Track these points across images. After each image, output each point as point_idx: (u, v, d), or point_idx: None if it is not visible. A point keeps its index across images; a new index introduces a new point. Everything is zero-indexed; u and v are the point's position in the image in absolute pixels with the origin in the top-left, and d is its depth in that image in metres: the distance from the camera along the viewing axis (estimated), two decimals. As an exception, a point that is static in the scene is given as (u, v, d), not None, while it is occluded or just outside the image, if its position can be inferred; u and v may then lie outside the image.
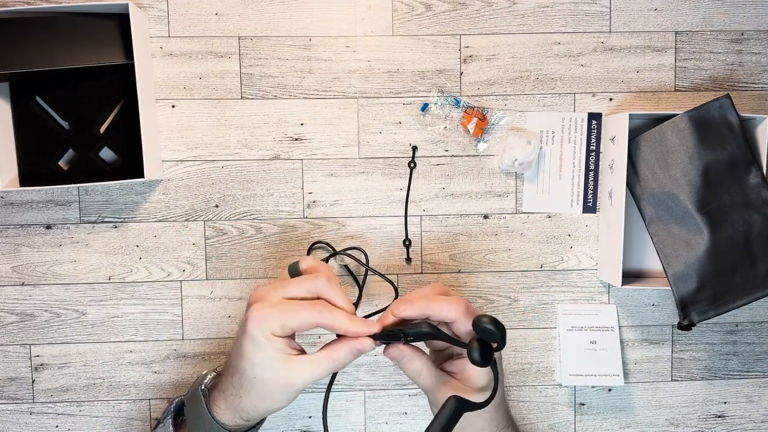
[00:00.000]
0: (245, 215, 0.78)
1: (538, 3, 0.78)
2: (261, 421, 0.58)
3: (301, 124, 0.78)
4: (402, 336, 0.52)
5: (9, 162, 0.74)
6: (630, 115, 0.73)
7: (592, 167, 0.79)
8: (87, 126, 0.75)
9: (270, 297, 0.52)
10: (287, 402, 0.53)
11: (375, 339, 0.52)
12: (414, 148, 0.78)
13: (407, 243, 0.79)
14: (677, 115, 0.73)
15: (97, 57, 0.71)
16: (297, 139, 0.78)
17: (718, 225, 0.72)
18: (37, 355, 0.78)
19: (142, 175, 0.70)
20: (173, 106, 0.77)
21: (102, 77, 0.74)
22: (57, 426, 0.78)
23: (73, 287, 0.78)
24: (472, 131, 0.78)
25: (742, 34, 0.79)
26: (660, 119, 0.75)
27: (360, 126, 0.78)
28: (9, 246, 0.77)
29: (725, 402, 0.81)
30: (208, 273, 0.78)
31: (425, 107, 0.78)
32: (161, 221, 0.78)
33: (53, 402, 0.78)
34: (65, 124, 0.76)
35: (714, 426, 0.82)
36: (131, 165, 0.75)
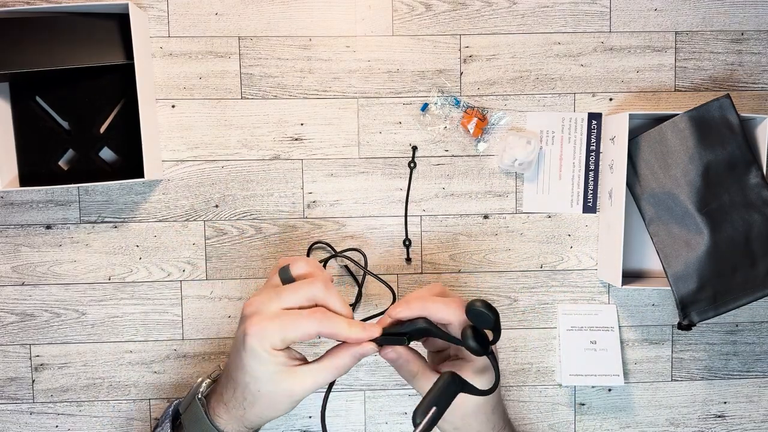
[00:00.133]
0: (245, 215, 0.78)
1: (538, 3, 0.78)
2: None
3: (301, 124, 0.78)
4: (403, 337, 0.52)
5: (9, 162, 0.74)
6: (630, 115, 0.73)
7: (592, 167, 0.79)
8: (87, 126, 0.75)
9: (266, 309, 0.50)
10: (291, 409, 0.53)
11: (375, 342, 0.52)
12: (414, 148, 0.78)
13: (407, 243, 0.79)
14: (677, 115, 0.73)
15: (97, 57, 0.71)
16: (297, 139, 0.78)
17: (718, 225, 0.72)
18: (37, 355, 0.78)
19: (142, 175, 0.70)
20: (173, 106, 0.77)
21: (102, 77, 0.74)
22: (57, 426, 0.78)
23: (73, 287, 0.78)
24: (472, 131, 0.78)
25: (742, 34, 0.79)
26: (660, 119, 0.75)
27: (360, 126, 0.78)
28: (9, 246, 0.77)
29: (725, 402, 0.81)
30: (208, 273, 0.78)
31: (425, 107, 0.78)
32: (161, 221, 0.78)
33: (53, 402, 0.78)
34: (65, 124, 0.76)
35: (714, 426, 0.82)
36: (131, 165, 0.75)
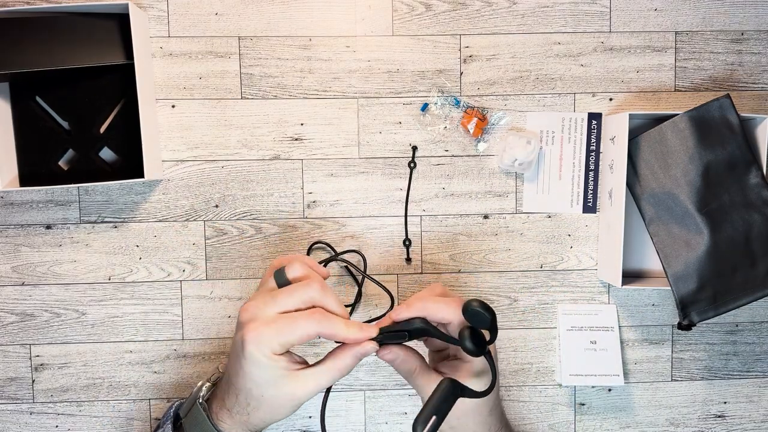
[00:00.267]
0: (245, 215, 0.78)
1: (538, 3, 0.78)
2: None
3: (301, 124, 0.78)
4: (402, 335, 0.52)
5: (9, 162, 0.74)
6: (630, 115, 0.73)
7: (592, 167, 0.79)
8: (87, 126, 0.75)
9: (262, 314, 0.50)
10: (294, 411, 0.53)
11: (375, 340, 0.52)
12: (414, 148, 0.78)
13: (407, 243, 0.79)
14: (677, 115, 0.73)
15: (97, 57, 0.71)
16: (297, 139, 0.78)
17: (718, 225, 0.72)
18: (37, 355, 0.78)
19: (142, 175, 0.70)
20: (173, 106, 0.77)
21: (102, 77, 0.74)
22: (57, 426, 0.78)
23: (73, 287, 0.78)
24: (472, 131, 0.78)
25: (742, 34, 0.79)
26: (660, 119, 0.75)
27: (360, 126, 0.78)
28: (9, 246, 0.77)
29: (725, 402, 0.81)
30: (208, 273, 0.78)
31: (425, 107, 0.78)
32: (161, 221, 0.78)
33: (53, 402, 0.78)
34: (65, 124, 0.76)
35: (714, 426, 0.82)
36: (131, 165, 0.75)
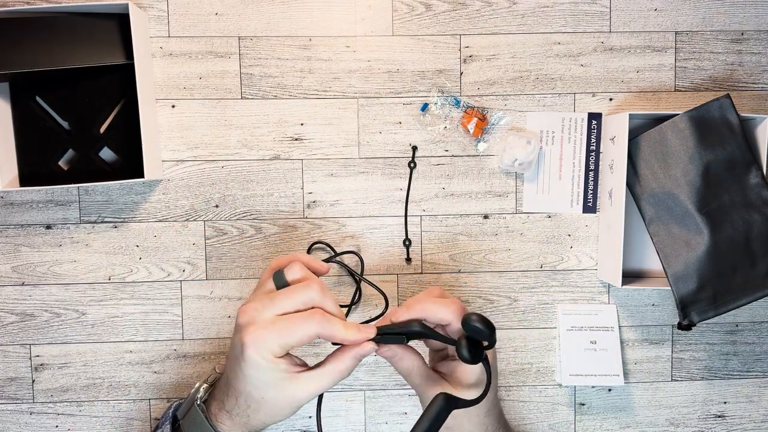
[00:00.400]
0: (245, 215, 0.78)
1: (538, 3, 0.78)
2: None
3: (301, 124, 0.78)
4: (401, 337, 0.52)
5: (9, 162, 0.74)
6: (630, 115, 0.73)
7: (592, 167, 0.79)
8: (87, 126, 0.75)
9: (261, 317, 0.50)
10: (295, 412, 0.53)
11: (374, 341, 0.52)
12: (414, 148, 0.78)
13: (407, 243, 0.79)
14: (677, 115, 0.73)
15: (97, 57, 0.71)
16: (297, 139, 0.78)
17: (718, 225, 0.72)
18: (37, 355, 0.78)
19: (142, 175, 0.70)
20: (173, 106, 0.77)
21: (102, 77, 0.74)
22: (57, 426, 0.78)
23: (73, 287, 0.78)
24: (472, 131, 0.78)
25: (742, 34, 0.79)
26: (660, 119, 0.75)
27: (360, 126, 0.78)
28: (9, 246, 0.77)
29: (725, 402, 0.81)
30: (208, 273, 0.78)
31: (425, 107, 0.78)
32: (161, 221, 0.78)
33: (53, 402, 0.78)
34: (65, 124, 0.76)
35: (714, 426, 0.82)
36: (131, 165, 0.75)
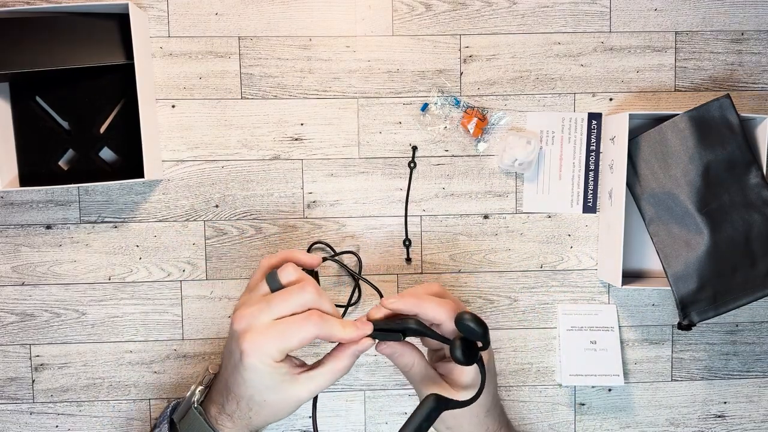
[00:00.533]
0: (245, 215, 0.78)
1: (538, 3, 0.78)
2: None
3: (301, 124, 0.78)
4: (398, 333, 0.52)
5: (9, 162, 0.74)
6: (630, 115, 0.73)
7: (592, 167, 0.79)
8: (87, 126, 0.75)
9: (258, 322, 0.50)
10: (297, 409, 0.53)
11: (372, 337, 0.52)
12: (414, 148, 0.78)
13: (407, 243, 0.79)
14: (677, 115, 0.73)
15: (97, 57, 0.71)
16: (297, 139, 0.78)
17: (718, 225, 0.72)
18: (37, 355, 0.78)
19: (142, 175, 0.70)
20: (173, 106, 0.77)
21: (102, 77, 0.74)
22: (57, 426, 0.78)
23: (73, 287, 0.78)
24: (472, 131, 0.78)
25: (742, 34, 0.79)
26: (660, 119, 0.75)
27: (360, 126, 0.78)
28: (9, 246, 0.77)
29: (725, 402, 0.81)
30: (208, 273, 0.78)
31: (425, 107, 0.78)
32: (161, 221, 0.78)
33: (53, 402, 0.78)
34: (65, 124, 0.76)
35: (714, 426, 0.82)
36: (131, 165, 0.75)
